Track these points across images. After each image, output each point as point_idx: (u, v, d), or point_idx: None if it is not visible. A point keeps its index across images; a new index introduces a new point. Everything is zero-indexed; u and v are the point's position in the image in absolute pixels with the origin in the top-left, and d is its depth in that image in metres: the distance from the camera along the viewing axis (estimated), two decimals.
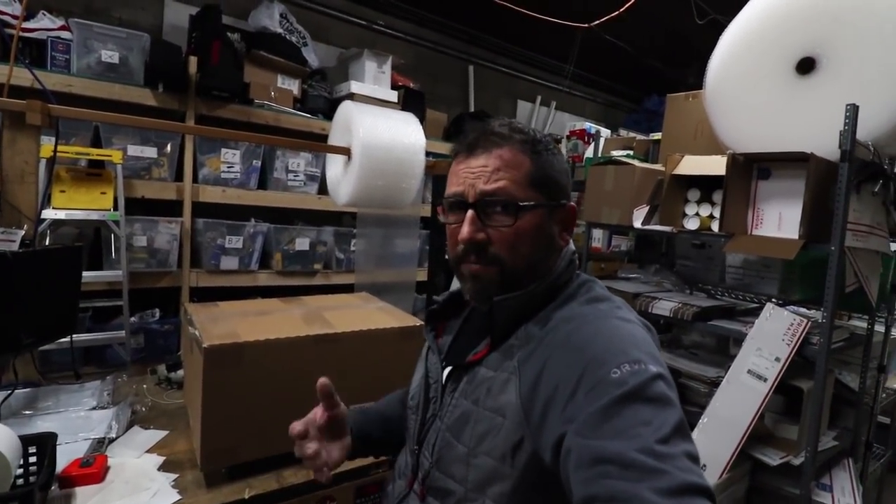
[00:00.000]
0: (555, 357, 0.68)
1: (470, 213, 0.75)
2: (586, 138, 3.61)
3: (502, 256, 0.75)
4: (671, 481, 0.51)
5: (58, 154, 1.71)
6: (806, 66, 1.64)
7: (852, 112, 1.45)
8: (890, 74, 1.49)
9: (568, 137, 3.92)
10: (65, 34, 2.19)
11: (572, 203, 0.81)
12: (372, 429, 0.97)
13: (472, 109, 3.97)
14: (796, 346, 1.60)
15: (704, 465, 1.63)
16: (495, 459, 0.69)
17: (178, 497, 1.14)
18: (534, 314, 0.76)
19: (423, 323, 1.42)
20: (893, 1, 1.49)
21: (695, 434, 1.67)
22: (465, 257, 0.77)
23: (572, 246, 0.84)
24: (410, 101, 3.04)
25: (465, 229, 0.74)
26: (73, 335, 1.73)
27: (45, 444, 1.14)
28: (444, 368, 0.83)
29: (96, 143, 2.19)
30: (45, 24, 2.18)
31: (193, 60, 2.31)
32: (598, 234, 3.29)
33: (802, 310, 1.99)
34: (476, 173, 0.75)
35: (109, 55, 2.22)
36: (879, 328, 2.00)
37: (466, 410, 0.75)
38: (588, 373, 0.62)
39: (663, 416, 0.57)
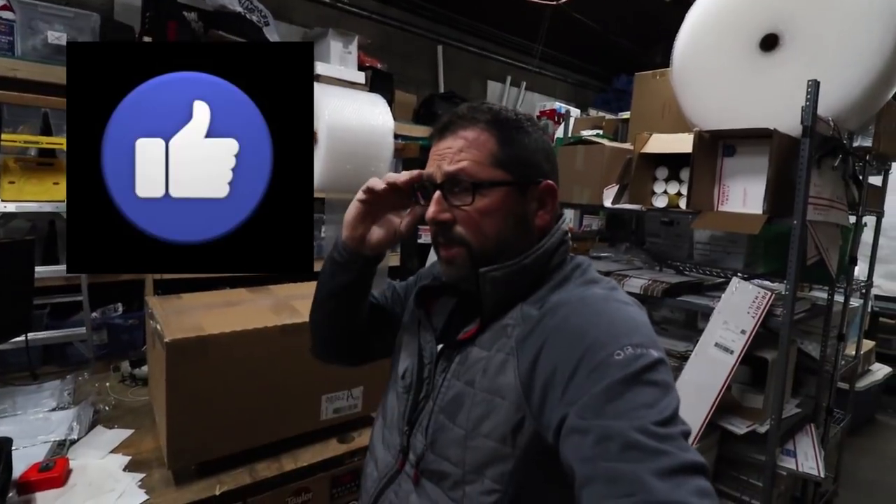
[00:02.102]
0: (553, 339, 0.67)
1: (437, 193, 0.76)
2: (556, 118, 3.61)
3: (466, 237, 0.75)
4: (671, 462, 0.52)
5: (4, 143, 1.62)
6: (769, 42, 1.66)
7: (813, 88, 1.47)
8: (849, 51, 1.52)
9: (538, 117, 3.92)
10: (6, 14, 2.04)
11: (550, 182, 0.79)
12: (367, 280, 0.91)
13: (441, 90, 3.91)
14: (761, 319, 1.64)
15: None
16: (495, 441, 0.69)
17: (145, 497, 1.11)
18: (529, 294, 0.76)
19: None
20: None
21: None
22: (435, 238, 0.78)
23: (565, 226, 0.83)
24: (378, 83, 2.97)
25: (431, 209, 0.75)
26: (29, 333, 1.67)
27: None
28: (437, 346, 0.81)
29: (46, 130, 2.07)
30: None
31: (147, 42, 2.20)
32: (569, 213, 3.32)
33: (767, 283, 2.05)
34: (442, 155, 0.76)
35: (57, 36, 2.08)
36: (839, 298, 2.08)
37: (460, 392, 0.74)
38: (589, 355, 0.62)
39: (665, 399, 0.58)
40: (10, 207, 1.84)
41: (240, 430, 1.23)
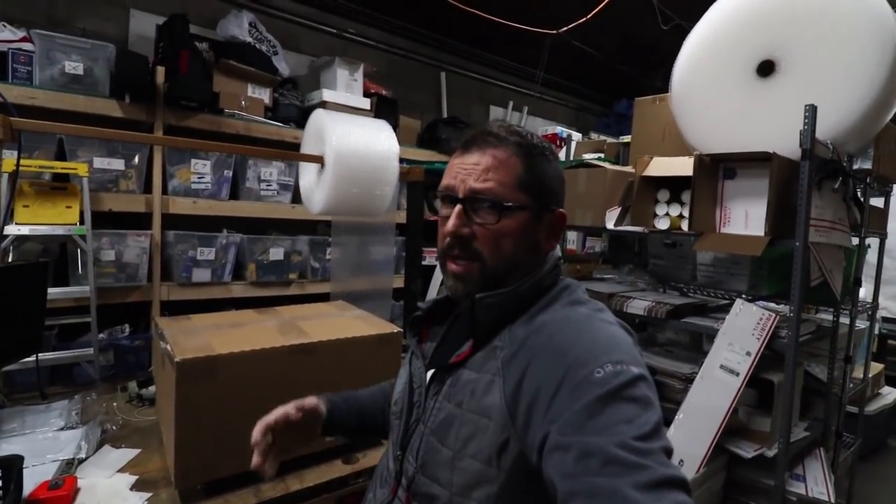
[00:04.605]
0: (538, 358, 0.69)
1: (458, 207, 0.77)
2: (558, 142, 3.66)
3: (483, 253, 0.77)
4: (650, 476, 0.52)
5: (21, 168, 1.66)
6: (766, 68, 1.70)
7: (811, 112, 1.50)
8: (845, 74, 1.56)
9: None
10: (26, 45, 2.12)
11: (562, 210, 0.82)
12: (347, 420, 1.00)
13: (444, 116, 3.99)
14: (766, 340, 1.64)
15: (682, 461, 1.65)
16: (482, 462, 0.69)
17: None
18: (517, 316, 0.77)
19: (400, 330, 1.43)
20: (846, 4, 1.55)
21: (671, 430, 1.70)
22: (449, 251, 0.79)
23: (558, 251, 0.85)
24: (383, 109, 3.04)
25: (451, 222, 0.77)
26: (39, 354, 1.68)
27: (10, 467, 1.11)
28: (427, 372, 0.83)
29: (61, 156, 2.13)
30: (5, 35, 2.11)
31: (161, 70, 2.27)
32: (572, 235, 3.34)
33: (771, 304, 2.05)
34: (468, 170, 0.78)
35: (73, 66, 2.16)
36: (844, 320, 2.07)
37: (451, 413, 0.74)
38: (571, 373, 0.63)
39: (645, 415, 0.59)
40: (24, 230, 1.88)
41: (246, 450, 1.22)
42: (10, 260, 1.92)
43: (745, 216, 1.70)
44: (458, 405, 0.74)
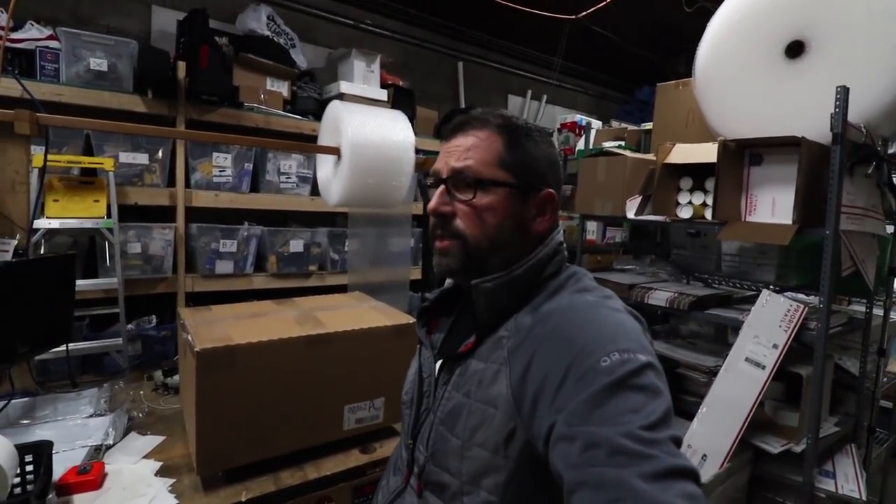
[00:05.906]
0: (544, 347, 0.68)
1: (441, 187, 0.80)
2: (577, 130, 3.60)
3: (464, 231, 0.78)
4: (658, 465, 0.51)
5: (49, 163, 1.70)
6: (795, 49, 1.63)
7: (843, 94, 1.44)
8: (879, 55, 1.48)
9: (559, 130, 3.92)
10: (53, 43, 2.18)
11: (551, 190, 0.81)
12: None
13: (462, 106, 3.96)
14: (794, 333, 1.59)
15: (705, 455, 1.62)
16: (489, 451, 0.70)
17: (175, 502, 1.14)
18: (523, 305, 0.77)
19: (416, 320, 1.43)
20: None
21: (694, 424, 1.67)
22: (434, 230, 0.81)
23: (560, 236, 0.84)
24: (400, 100, 3.03)
25: (433, 201, 0.79)
26: (70, 343, 1.73)
27: (41, 452, 1.15)
28: (436, 362, 0.84)
29: (88, 151, 2.19)
30: (32, 34, 2.17)
31: (182, 65, 2.30)
32: (592, 226, 3.28)
33: (800, 295, 1.99)
34: (451, 151, 0.80)
35: (98, 63, 2.21)
36: (878, 312, 1.99)
37: (459, 403, 0.75)
38: (577, 362, 0.63)
39: (652, 404, 0.58)
40: (54, 224, 1.93)
41: (265, 439, 1.25)
42: (41, 253, 1.98)
43: (772, 204, 1.64)
44: (466, 395, 0.74)
